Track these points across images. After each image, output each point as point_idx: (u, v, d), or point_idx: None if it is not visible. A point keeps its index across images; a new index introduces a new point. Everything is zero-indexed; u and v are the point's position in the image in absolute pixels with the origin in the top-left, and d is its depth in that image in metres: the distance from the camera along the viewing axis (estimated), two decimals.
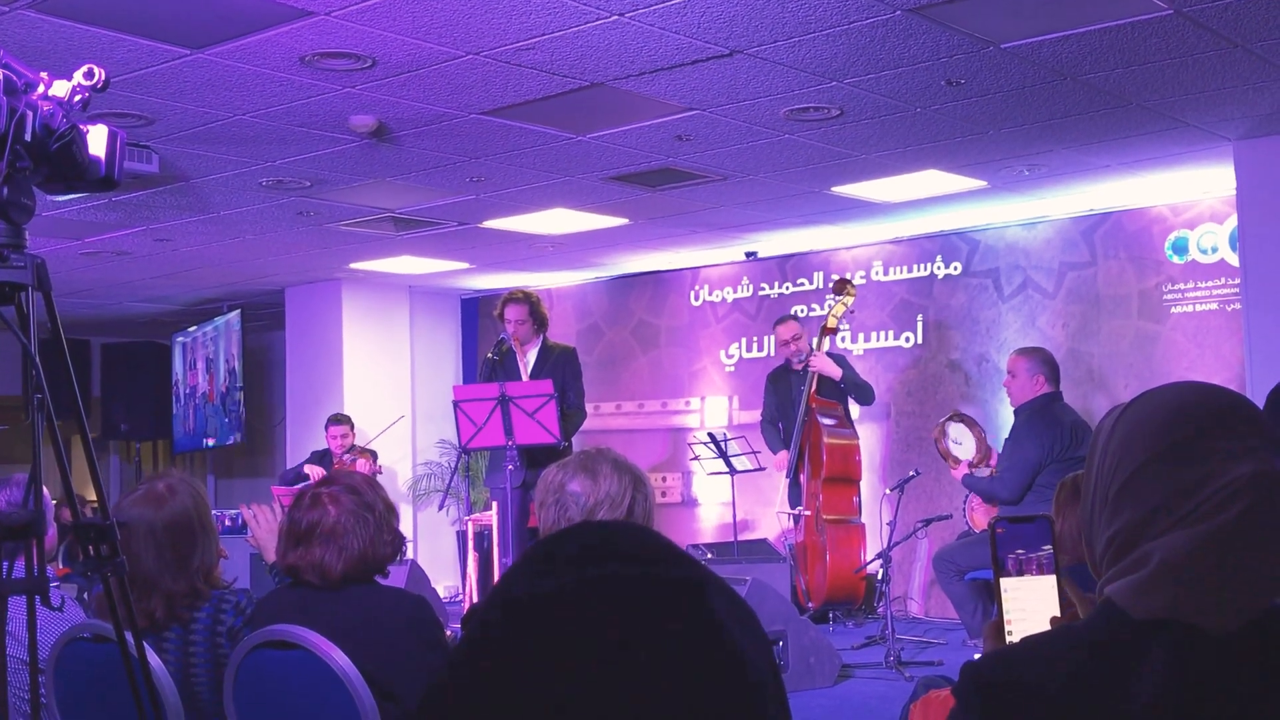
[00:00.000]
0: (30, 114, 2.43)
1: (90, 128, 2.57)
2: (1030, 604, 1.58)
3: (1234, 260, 7.87)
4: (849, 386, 8.47)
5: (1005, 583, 1.59)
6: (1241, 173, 7.10)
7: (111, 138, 2.57)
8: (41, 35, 4.65)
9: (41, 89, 2.48)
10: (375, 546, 3.08)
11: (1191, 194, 8.24)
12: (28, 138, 2.41)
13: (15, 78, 2.42)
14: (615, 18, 4.71)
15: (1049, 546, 1.58)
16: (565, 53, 5.10)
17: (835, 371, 8.41)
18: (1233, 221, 7.60)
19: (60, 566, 7.16)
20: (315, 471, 9.55)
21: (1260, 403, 2.08)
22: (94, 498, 2.64)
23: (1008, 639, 1.57)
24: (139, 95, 5.46)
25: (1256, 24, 5.02)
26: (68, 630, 3.10)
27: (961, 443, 7.61)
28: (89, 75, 2.51)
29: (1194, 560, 1.37)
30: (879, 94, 5.83)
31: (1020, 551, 1.59)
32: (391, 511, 3.19)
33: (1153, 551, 1.39)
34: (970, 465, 7.33)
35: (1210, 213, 8.27)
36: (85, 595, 5.00)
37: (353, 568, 3.03)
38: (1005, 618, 1.58)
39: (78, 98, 2.50)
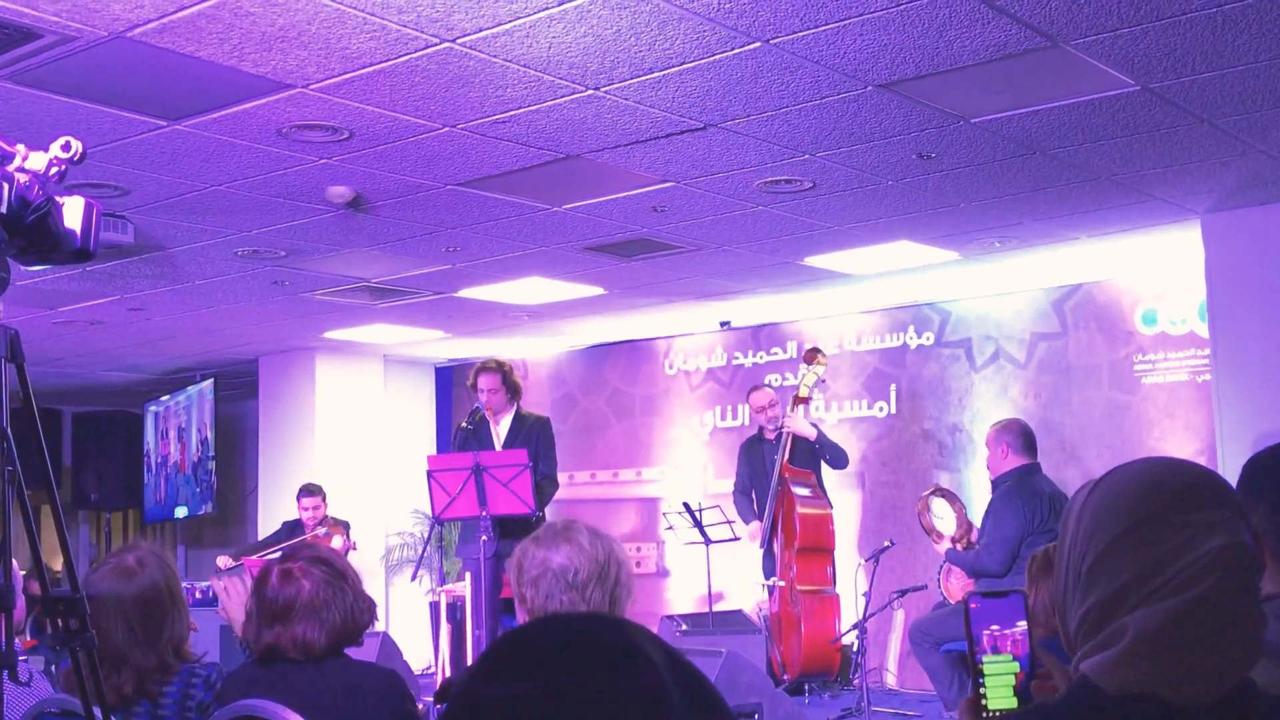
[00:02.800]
0: (6, 186, 2.43)
1: (66, 199, 2.58)
2: (1006, 681, 1.58)
3: (1203, 331, 7.94)
4: (824, 448, 8.47)
5: (983, 660, 1.59)
6: (1210, 245, 7.19)
7: (88, 210, 2.58)
8: (18, 106, 4.66)
9: (18, 161, 2.49)
10: (354, 615, 3.05)
11: (1161, 266, 8.33)
12: (3, 210, 2.42)
13: None
14: (590, 92, 4.75)
15: (1023, 622, 1.59)
16: (541, 126, 5.14)
17: (810, 432, 8.42)
18: (1202, 293, 7.69)
19: (28, 638, 7.06)
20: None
21: (1231, 473, 2.10)
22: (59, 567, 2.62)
23: (983, 716, 1.57)
24: (115, 166, 5.47)
25: (1222, 99, 5.11)
26: (35, 705, 3.05)
27: (943, 517, 7.59)
28: (66, 148, 2.52)
29: (1167, 635, 1.38)
30: (851, 167, 5.89)
31: (995, 627, 1.59)
32: (358, 578, 3.16)
33: (1126, 626, 1.40)
34: (953, 540, 7.27)
35: (1179, 284, 8.35)
36: (53, 668, 4.93)
37: (335, 639, 3.00)
38: (981, 695, 1.58)
39: (54, 170, 2.51)
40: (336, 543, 9.28)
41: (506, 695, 0.98)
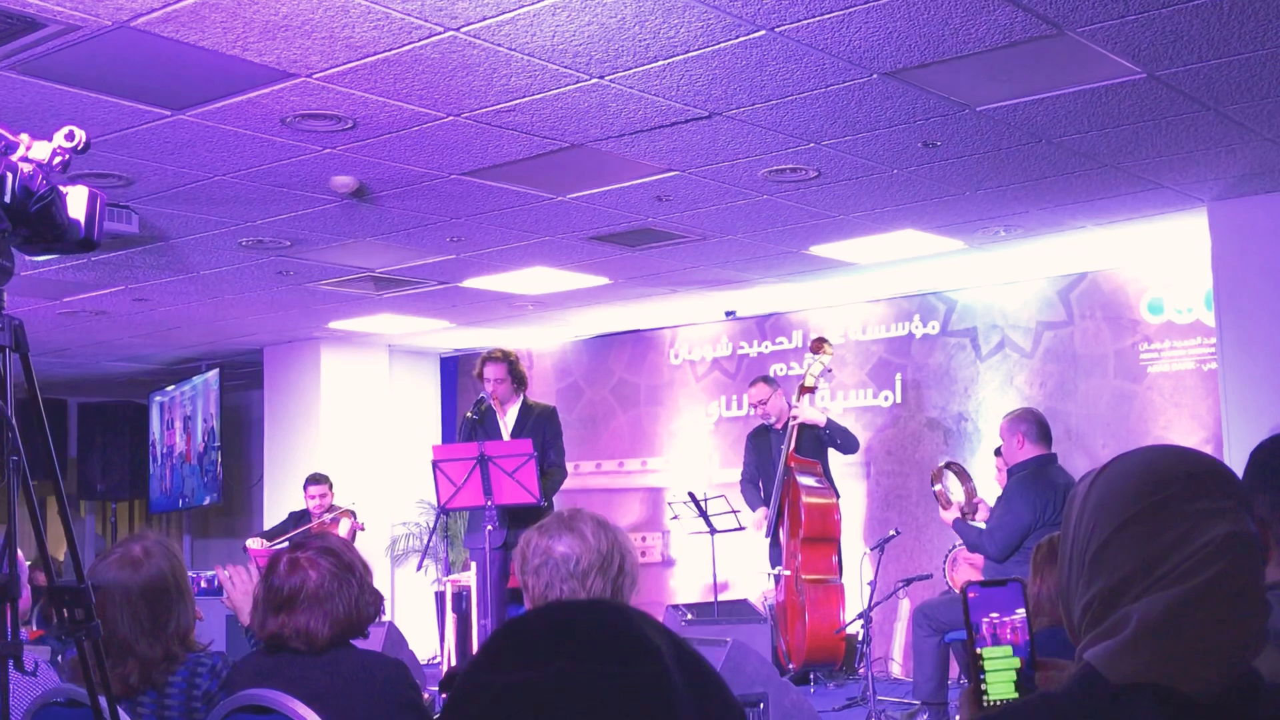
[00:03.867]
0: (10, 175, 2.43)
1: (70, 189, 2.57)
2: (1007, 670, 1.58)
3: (1209, 320, 7.92)
4: (834, 433, 8.47)
5: (983, 651, 1.59)
6: (1216, 233, 7.17)
7: (91, 199, 2.57)
8: (22, 96, 4.66)
9: (22, 150, 2.48)
10: (359, 607, 3.05)
11: (1167, 254, 8.31)
12: (7, 199, 2.42)
13: None
14: (595, 81, 4.75)
15: (1022, 610, 1.59)
16: (545, 115, 5.14)
17: (819, 418, 8.43)
18: (1208, 281, 7.67)
19: (34, 629, 7.08)
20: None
21: (1238, 461, 2.10)
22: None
23: (984, 705, 1.57)
24: (119, 155, 5.47)
25: (1228, 87, 5.09)
26: (41, 695, 3.06)
27: (952, 491, 7.58)
28: (70, 137, 2.51)
29: (1171, 623, 1.38)
30: (856, 155, 5.88)
31: (994, 615, 1.59)
32: (368, 571, 3.16)
33: (1130, 615, 1.40)
34: (961, 510, 7.24)
35: (1185, 273, 8.33)
36: (59, 658, 4.95)
37: (339, 631, 3.00)
38: (981, 684, 1.57)
39: (58, 159, 2.51)
40: (344, 526, 9.29)
41: (510, 683, 0.98)
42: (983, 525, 6.80)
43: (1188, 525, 1.41)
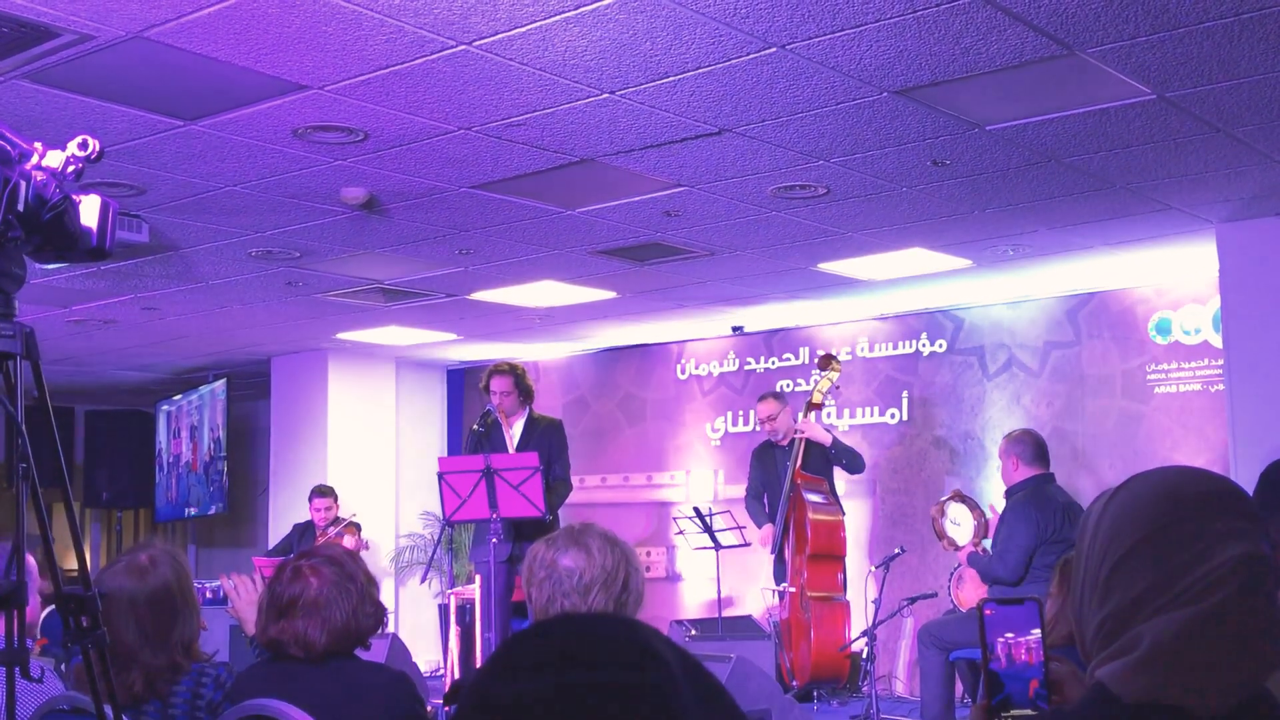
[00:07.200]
0: (23, 184, 2.43)
1: (83, 198, 2.58)
2: (1020, 689, 1.57)
3: (1217, 341, 7.92)
4: (839, 453, 8.45)
5: (995, 667, 1.59)
6: (1224, 255, 7.16)
7: (104, 208, 2.58)
8: (36, 105, 4.67)
9: (35, 159, 2.49)
10: (358, 618, 3.06)
11: (1175, 275, 8.31)
12: (20, 208, 2.42)
13: (9, 147, 2.43)
14: (605, 95, 4.75)
15: (1038, 630, 1.58)
16: (556, 129, 5.14)
17: (825, 438, 8.41)
18: (1216, 303, 7.66)
19: (39, 637, 7.07)
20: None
21: (1246, 483, 2.09)
22: (71, 565, 2.62)
23: None
24: (131, 165, 5.49)
25: (1238, 109, 5.09)
26: (46, 702, 3.06)
27: (960, 524, 7.55)
28: (83, 146, 2.52)
29: (1183, 643, 1.38)
30: (865, 173, 5.89)
31: (1009, 635, 1.58)
32: (372, 583, 3.17)
33: (1143, 634, 1.39)
34: (974, 544, 7.24)
35: (1193, 294, 8.33)
36: (63, 666, 4.94)
37: (336, 639, 3.01)
38: (993, 702, 1.57)
39: (71, 168, 2.51)
40: (348, 542, 9.29)
41: (519, 693, 0.98)
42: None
43: (1201, 546, 1.40)
